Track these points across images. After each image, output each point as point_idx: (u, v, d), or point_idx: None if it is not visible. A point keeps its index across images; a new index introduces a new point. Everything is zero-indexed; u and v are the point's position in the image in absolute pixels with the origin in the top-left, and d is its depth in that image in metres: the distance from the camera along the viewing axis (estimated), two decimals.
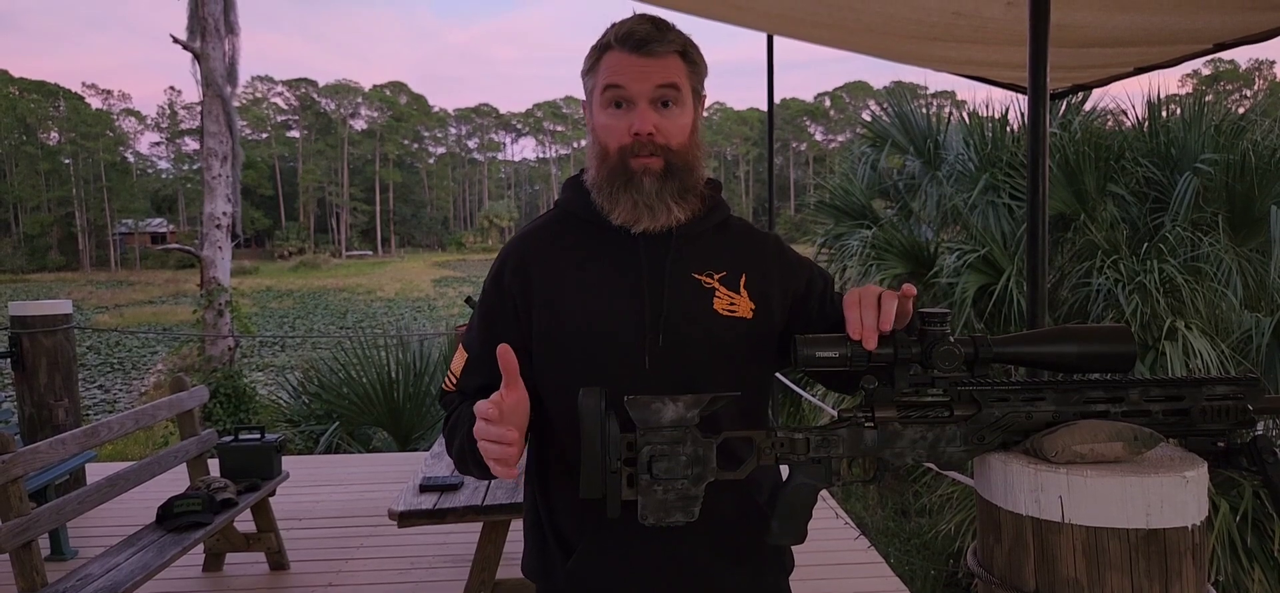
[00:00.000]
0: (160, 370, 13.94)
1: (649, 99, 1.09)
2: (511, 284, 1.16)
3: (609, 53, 1.10)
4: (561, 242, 1.17)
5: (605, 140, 1.11)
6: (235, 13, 11.11)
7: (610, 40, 1.10)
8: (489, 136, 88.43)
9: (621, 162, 1.10)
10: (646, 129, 1.08)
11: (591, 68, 1.13)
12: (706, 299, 1.13)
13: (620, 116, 1.10)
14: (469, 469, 1.11)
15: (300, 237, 65.47)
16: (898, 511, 5.75)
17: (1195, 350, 4.13)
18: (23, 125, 60.39)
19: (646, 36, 1.08)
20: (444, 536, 3.69)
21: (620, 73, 1.09)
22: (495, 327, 1.15)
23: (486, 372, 1.13)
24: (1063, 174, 5.07)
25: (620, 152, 1.10)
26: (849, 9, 2.73)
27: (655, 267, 1.12)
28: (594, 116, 1.13)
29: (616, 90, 1.09)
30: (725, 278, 1.14)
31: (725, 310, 1.13)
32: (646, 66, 1.08)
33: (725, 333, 1.12)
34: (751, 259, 1.17)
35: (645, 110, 1.08)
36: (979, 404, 0.92)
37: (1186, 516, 0.81)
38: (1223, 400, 0.90)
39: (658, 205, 1.10)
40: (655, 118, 1.09)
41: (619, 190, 1.10)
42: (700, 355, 1.10)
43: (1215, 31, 2.59)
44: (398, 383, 6.51)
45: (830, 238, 6.37)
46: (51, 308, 4.28)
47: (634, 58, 1.08)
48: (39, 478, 3.49)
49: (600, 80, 1.11)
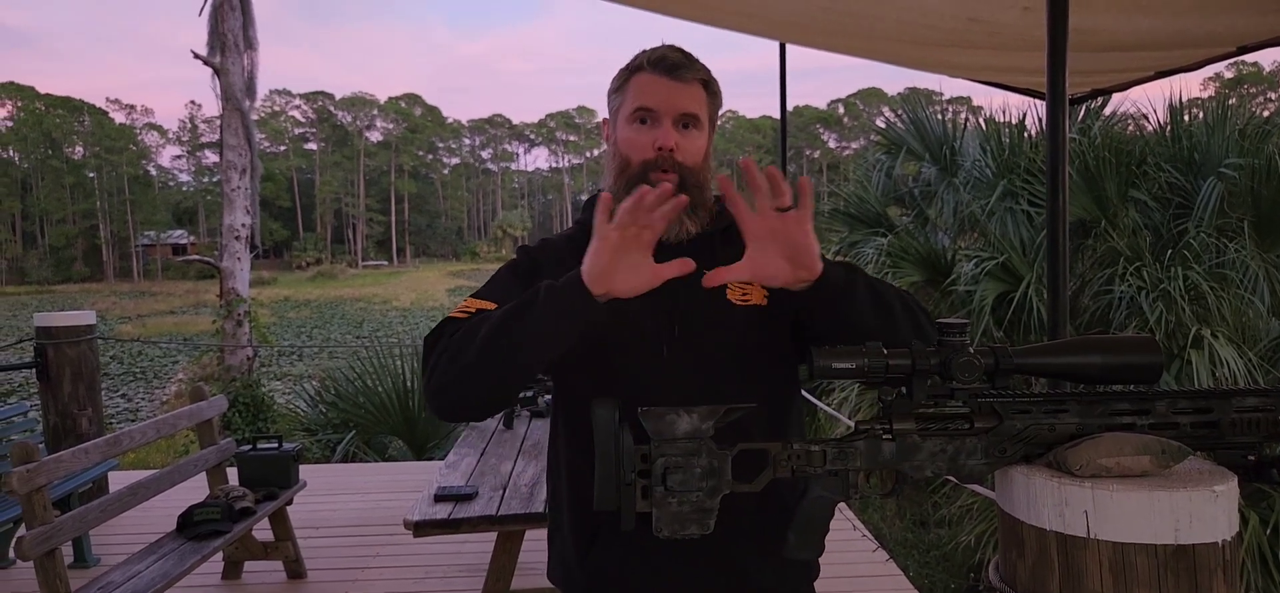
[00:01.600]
0: (181, 380, 14.10)
1: (672, 119, 1.17)
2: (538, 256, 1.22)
3: (640, 74, 1.18)
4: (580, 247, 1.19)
5: (628, 153, 1.18)
6: (254, 29, 11.28)
7: (642, 63, 1.19)
8: (502, 147, 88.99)
9: (642, 174, 1.16)
10: (669, 144, 1.16)
11: (620, 87, 1.21)
12: (720, 290, 1.16)
13: (645, 132, 1.17)
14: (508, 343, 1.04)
15: (317, 247, 66.20)
16: (916, 522, 5.69)
17: (1222, 359, 4.06)
18: (49, 140, 61.63)
19: (677, 63, 1.18)
20: (459, 545, 3.69)
21: (650, 93, 1.17)
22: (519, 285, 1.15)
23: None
24: (1083, 180, 5.01)
25: (642, 165, 1.16)
26: (862, 16, 2.72)
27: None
28: (618, 131, 1.20)
29: (644, 108, 1.17)
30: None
31: (739, 300, 1.17)
32: (674, 89, 1.17)
33: (740, 320, 1.17)
34: None
35: (669, 128, 1.16)
36: (1000, 416, 0.90)
37: (1217, 531, 0.79)
38: (1253, 412, 0.88)
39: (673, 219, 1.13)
40: (677, 136, 1.17)
41: None
42: (717, 344, 1.15)
43: (1238, 34, 2.55)
44: (413, 392, 6.54)
45: (845, 246, 6.34)
46: (76, 319, 4.34)
47: (664, 80, 1.17)
48: (63, 486, 3.54)
49: (629, 98, 1.19)
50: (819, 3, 2.62)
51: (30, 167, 62.01)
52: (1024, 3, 2.37)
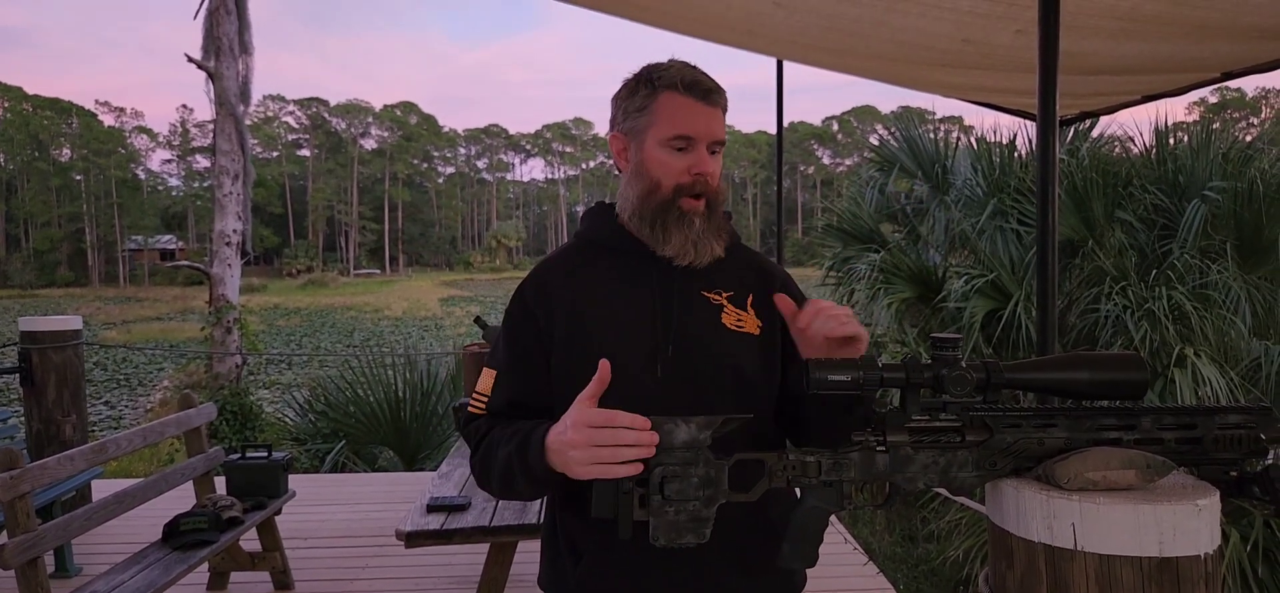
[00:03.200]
0: (167, 387, 13.96)
1: (707, 144, 1.17)
2: (533, 299, 1.22)
3: (672, 96, 1.16)
4: (580, 264, 1.23)
5: (660, 175, 1.17)
6: (250, 34, 11.27)
7: (675, 84, 1.16)
8: (498, 157, 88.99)
9: (674, 199, 1.16)
10: (708, 170, 1.17)
11: (645, 106, 1.17)
12: (715, 314, 1.19)
13: (681, 157, 1.16)
14: (513, 489, 1.14)
15: (309, 255, 65.80)
16: (906, 536, 5.70)
17: (1204, 377, 4.11)
18: (35, 142, 61.11)
19: (711, 88, 1.17)
20: (450, 556, 3.67)
21: (688, 119, 1.16)
22: (520, 342, 1.21)
23: (515, 387, 1.20)
24: (1071, 200, 5.07)
25: (675, 189, 1.16)
26: (858, 35, 2.76)
27: (665, 284, 1.18)
28: (647, 152, 1.18)
29: (684, 137, 1.16)
30: (733, 296, 1.21)
31: (733, 325, 1.19)
32: (710, 116, 1.17)
33: (733, 346, 1.18)
34: (759, 283, 1.23)
35: (705, 154, 1.17)
36: (991, 430, 0.92)
37: (1199, 544, 0.81)
38: (1235, 429, 0.90)
39: (702, 242, 1.17)
40: (710, 162, 1.18)
41: (672, 226, 1.16)
42: (708, 366, 1.16)
43: (1223, 60, 2.61)
44: (405, 402, 6.51)
45: (838, 261, 6.37)
46: (62, 324, 4.30)
47: (700, 106, 1.16)
48: (46, 494, 3.50)
49: (660, 120, 1.16)
50: (818, 22, 2.66)
51: (15, 168, 61.47)
52: (1016, 25, 2.42)
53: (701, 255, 1.17)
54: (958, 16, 2.43)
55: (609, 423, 0.95)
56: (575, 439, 0.98)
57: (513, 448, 1.10)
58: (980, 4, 2.32)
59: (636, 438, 0.94)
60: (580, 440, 0.97)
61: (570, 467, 1.00)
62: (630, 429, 0.94)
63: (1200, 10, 2.17)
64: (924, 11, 2.42)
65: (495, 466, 1.14)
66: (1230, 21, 2.23)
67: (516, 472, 1.09)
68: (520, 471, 1.08)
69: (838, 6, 2.48)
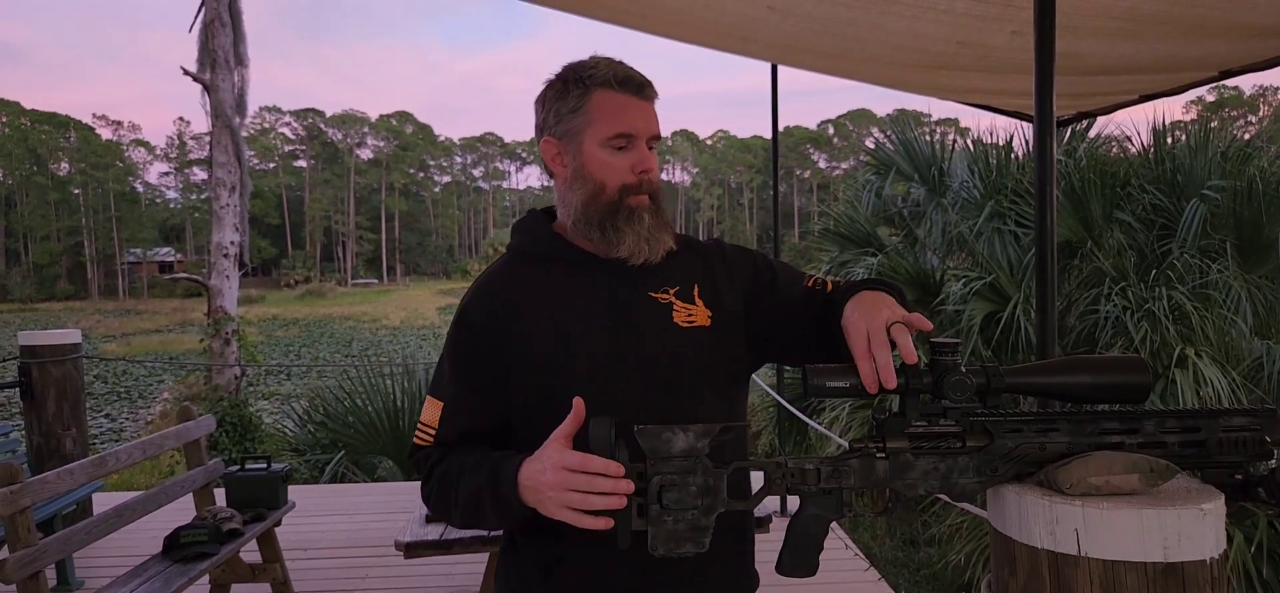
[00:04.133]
0: (166, 399, 13.94)
1: (646, 139, 1.15)
2: (479, 320, 1.17)
3: (604, 92, 1.13)
4: (524, 280, 1.19)
5: (603, 177, 1.14)
6: (245, 45, 11.28)
7: (609, 80, 1.13)
8: (494, 165, 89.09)
9: (620, 199, 1.13)
10: (652, 167, 1.15)
11: (579, 107, 1.14)
12: (666, 315, 1.17)
13: (623, 156, 1.14)
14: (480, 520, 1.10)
15: (307, 265, 65.81)
16: (907, 541, 5.69)
17: (1206, 378, 4.10)
18: (33, 156, 61.15)
19: (643, 81, 1.15)
20: (450, 566, 3.66)
21: (626, 116, 1.13)
22: (468, 367, 1.16)
23: (467, 416, 1.15)
24: (1069, 201, 5.07)
25: (621, 189, 1.13)
26: (853, 38, 2.76)
27: (614, 291, 1.16)
28: (586, 154, 1.14)
29: (624, 134, 1.13)
30: (679, 291, 1.19)
31: (685, 323, 1.17)
32: (646, 110, 1.15)
33: (688, 344, 1.16)
34: (699, 269, 1.22)
35: (646, 151, 1.14)
36: (992, 435, 0.91)
37: (1204, 549, 0.80)
38: (1240, 432, 0.89)
39: (655, 238, 1.15)
40: (651, 158, 1.15)
41: (624, 226, 1.13)
42: (670, 369, 1.14)
43: (1220, 59, 2.61)
44: (404, 411, 6.49)
45: (835, 265, 6.38)
46: (61, 337, 4.29)
47: (635, 101, 1.14)
48: (46, 508, 3.49)
49: (597, 119, 1.13)
50: (813, 26, 2.66)
51: (14, 183, 61.48)
52: (1012, 27, 2.42)
53: (655, 251, 1.15)
54: (952, 19, 2.43)
55: (584, 468, 0.93)
56: (553, 482, 0.96)
57: (482, 480, 1.06)
58: (975, 6, 2.32)
59: (612, 485, 0.92)
60: (556, 483, 0.95)
61: (543, 506, 0.98)
62: (605, 477, 0.93)
63: (1197, 9, 2.17)
64: (918, 14, 2.42)
65: (459, 497, 1.09)
66: (1227, 20, 2.23)
67: (487, 505, 1.06)
68: (491, 504, 1.05)
69: (832, 10, 2.48)
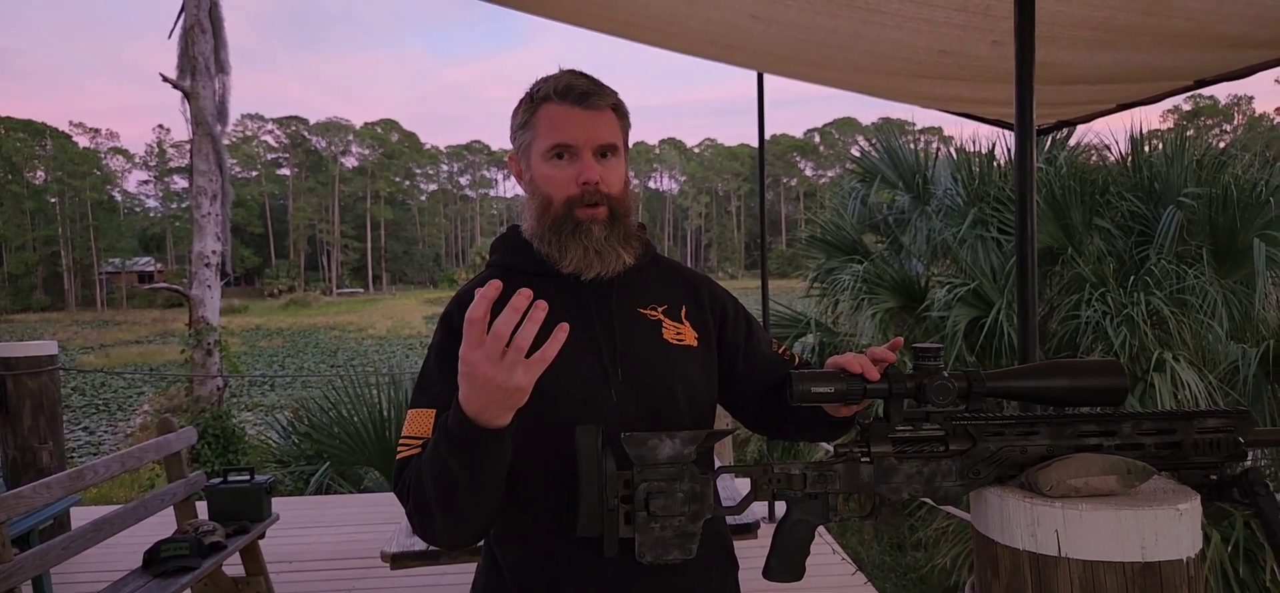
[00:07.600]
0: (147, 412, 13.76)
1: (592, 150, 1.11)
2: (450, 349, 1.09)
3: (547, 106, 1.11)
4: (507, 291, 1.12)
5: (549, 191, 1.12)
6: (226, 52, 11.19)
7: (549, 93, 1.11)
8: (481, 173, 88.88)
9: (568, 212, 1.11)
10: (594, 177, 1.10)
11: (526, 122, 1.13)
12: (655, 331, 1.17)
13: (564, 168, 1.11)
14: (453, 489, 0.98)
15: (290, 274, 65.25)
16: (893, 545, 5.71)
17: (1183, 381, 4.16)
18: (8, 164, 60.23)
19: (586, 90, 1.11)
20: (437, 577, 3.63)
21: (564, 127, 1.10)
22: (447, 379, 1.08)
23: None
24: (1050, 208, 5.14)
25: (567, 202, 1.11)
26: (836, 47, 2.78)
27: (603, 307, 1.15)
28: (533, 169, 1.14)
29: (561, 144, 1.11)
30: (667, 310, 1.19)
31: (674, 340, 1.17)
32: (589, 119, 1.11)
33: (678, 360, 1.16)
34: (687, 293, 1.23)
35: (590, 160, 1.11)
36: (974, 439, 0.92)
37: (1181, 548, 0.81)
38: (1214, 433, 0.91)
39: (607, 251, 1.12)
40: (599, 168, 1.11)
41: (568, 239, 1.11)
42: (660, 385, 1.13)
43: (1196, 69, 2.66)
44: (390, 422, 6.44)
45: (822, 272, 6.41)
46: (37, 349, 4.23)
47: (576, 110, 1.10)
48: (22, 523, 3.42)
49: (541, 133, 1.12)
50: (795, 34, 2.68)
51: None
52: (992, 36, 2.45)
53: (607, 265, 1.11)
54: (934, 28, 2.46)
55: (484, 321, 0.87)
56: (471, 358, 0.88)
57: (436, 442, 0.99)
58: (956, 15, 2.35)
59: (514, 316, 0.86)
60: (475, 358, 0.88)
61: (487, 392, 0.90)
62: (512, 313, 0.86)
63: (1173, 20, 2.21)
64: (900, 23, 2.45)
65: (426, 481, 0.99)
66: (1202, 30, 2.28)
67: (450, 460, 0.96)
68: (450, 452, 0.95)
69: (814, 19, 2.50)
